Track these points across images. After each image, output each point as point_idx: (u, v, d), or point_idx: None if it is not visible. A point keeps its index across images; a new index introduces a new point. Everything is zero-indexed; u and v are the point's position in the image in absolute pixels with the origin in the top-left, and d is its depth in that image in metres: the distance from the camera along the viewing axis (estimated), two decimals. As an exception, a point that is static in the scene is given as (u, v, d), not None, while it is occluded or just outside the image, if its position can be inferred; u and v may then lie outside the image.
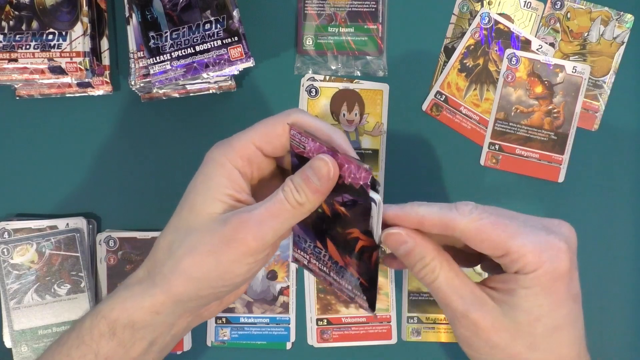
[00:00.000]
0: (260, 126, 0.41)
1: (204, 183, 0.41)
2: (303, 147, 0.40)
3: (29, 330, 0.55)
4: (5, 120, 0.57)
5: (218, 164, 0.41)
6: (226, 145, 0.41)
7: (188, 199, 0.41)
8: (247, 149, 0.41)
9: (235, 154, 0.40)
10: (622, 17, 0.58)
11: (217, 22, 0.52)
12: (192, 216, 0.40)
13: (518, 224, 0.38)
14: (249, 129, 0.42)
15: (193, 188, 0.41)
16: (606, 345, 0.58)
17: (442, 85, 0.58)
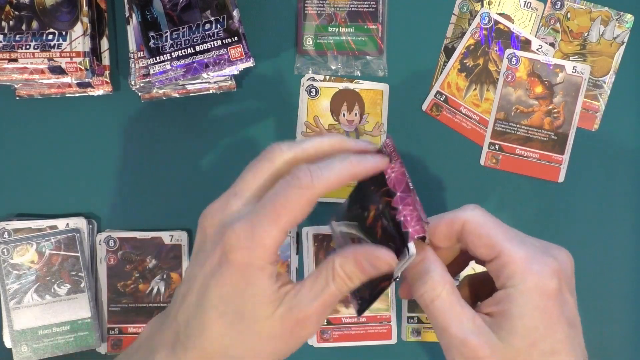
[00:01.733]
0: (287, 214, 0.37)
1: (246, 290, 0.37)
2: (389, 160, 0.38)
3: (29, 330, 0.55)
4: (5, 120, 0.57)
5: (258, 268, 0.37)
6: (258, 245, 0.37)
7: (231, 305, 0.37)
8: (279, 242, 0.37)
9: (272, 253, 0.37)
10: (622, 17, 0.58)
11: (217, 22, 0.52)
12: (244, 322, 0.37)
13: (517, 234, 0.39)
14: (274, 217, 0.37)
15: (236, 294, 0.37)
16: (606, 345, 0.58)
17: (442, 85, 0.58)
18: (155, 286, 0.56)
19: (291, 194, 0.37)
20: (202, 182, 0.57)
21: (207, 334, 0.38)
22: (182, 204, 0.57)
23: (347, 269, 0.37)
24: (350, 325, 0.57)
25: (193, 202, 0.57)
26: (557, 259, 0.38)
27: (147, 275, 0.56)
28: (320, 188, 0.37)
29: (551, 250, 0.39)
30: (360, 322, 0.57)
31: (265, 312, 0.37)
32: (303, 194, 0.37)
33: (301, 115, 0.58)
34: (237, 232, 0.36)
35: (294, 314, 0.37)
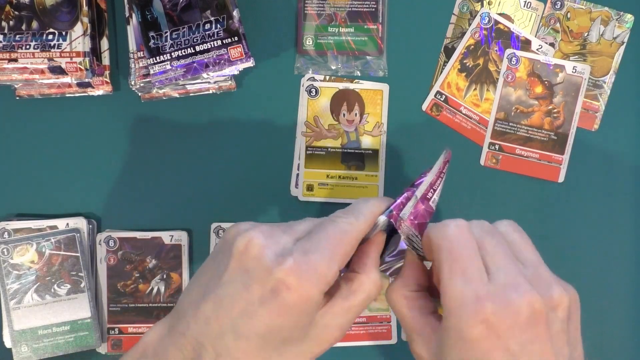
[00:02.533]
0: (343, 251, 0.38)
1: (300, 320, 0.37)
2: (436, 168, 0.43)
3: (29, 330, 0.55)
4: (5, 120, 0.57)
5: (316, 302, 0.37)
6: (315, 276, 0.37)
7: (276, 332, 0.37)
8: (336, 277, 0.38)
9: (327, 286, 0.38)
10: (622, 17, 0.58)
11: (217, 22, 0.52)
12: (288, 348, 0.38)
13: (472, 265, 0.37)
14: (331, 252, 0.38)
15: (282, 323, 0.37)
16: (606, 345, 0.58)
17: (442, 85, 0.58)
18: (155, 286, 0.56)
19: (342, 229, 0.39)
20: (202, 182, 0.57)
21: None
22: (182, 204, 0.57)
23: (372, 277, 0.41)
24: (350, 325, 0.57)
25: (193, 202, 0.57)
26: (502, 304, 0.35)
27: (147, 275, 0.56)
28: (363, 225, 0.40)
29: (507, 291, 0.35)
30: (360, 322, 0.57)
31: (303, 334, 0.38)
32: (352, 230, 0.39)
33: (301, 115, 0.58)
34: (298, 265, 0.36)
35: (331, 331, 0.39)
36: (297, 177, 0.58)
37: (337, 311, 0.39)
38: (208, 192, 0.57)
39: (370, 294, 0.40)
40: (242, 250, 0.37)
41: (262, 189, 0.57)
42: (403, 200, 0.41)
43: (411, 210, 0.40)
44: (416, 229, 0.41)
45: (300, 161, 0.58)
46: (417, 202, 0.41)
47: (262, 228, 0.38)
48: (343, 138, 0.58)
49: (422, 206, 0.41)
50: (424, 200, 0.41)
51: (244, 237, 0.37)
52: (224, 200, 0.57)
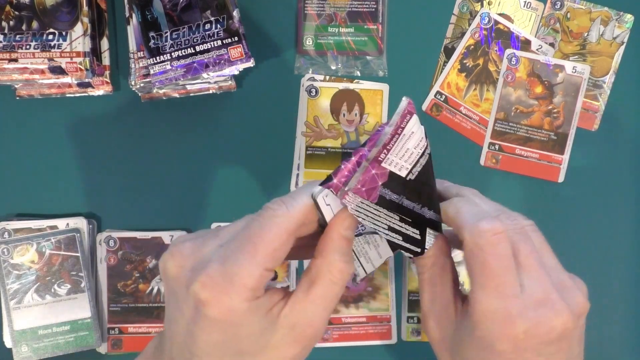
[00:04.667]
0: (265, 246, 0.34)
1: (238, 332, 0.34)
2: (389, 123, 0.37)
3: (29, 330, 0.55)
4: (5, 120, 0.57)
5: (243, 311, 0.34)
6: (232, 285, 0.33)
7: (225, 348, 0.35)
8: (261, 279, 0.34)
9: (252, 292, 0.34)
10: (622, 17, 0.58)
11: (217, 22, 0.52)
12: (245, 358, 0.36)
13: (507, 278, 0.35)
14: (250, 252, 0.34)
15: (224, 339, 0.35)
16: (606, 345, 0.58)
17: (442, 85, 0.58)
18: (156, 286, 0.56)
19: (266, 224, 0.34)
20: (202, 182, 0.57)
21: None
22: (182, 204, 0.57)
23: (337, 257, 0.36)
24: (350, 325, 0.57)
25: (193, 202, 0.57)
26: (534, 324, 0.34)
27: (147, 275, 0.56)
28: (297, 214, 0.35)
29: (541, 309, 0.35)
30: (360, 322, 0.57)
31: (263, 342, 0.35)
32: (280, 223, 0.34)
33: (301, 115, 0.58)
34: (210, 277, 0.33)
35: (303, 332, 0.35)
36: (297, 177, 0.58)
37: (301, 307, 0.35)
38: (208, 192, 0.57)
39: (333, 279, 0.36)
40: (165, 273, 0.36)
41: (262, 189, 0.57)
42: (349, 167, 0.36)
43: (359, 178, 0.36)
44: (365, 195, 0.36)
45: (300, 161, 0.58)
46: (367, 168, 0.36)
47: (186, 241, 0.36)
48: (343, 138, 0.58)
49: (372, 172, 0.36)
50: (375, 164, 0.36)
51: (164, 258, 0.36)
52: (224, 200, 0.57)
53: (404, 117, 0.37)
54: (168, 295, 0.37)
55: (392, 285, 0.58)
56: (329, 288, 0.36)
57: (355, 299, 0.57)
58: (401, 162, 0.37)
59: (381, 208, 0.37)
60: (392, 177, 0.37)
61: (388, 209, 0.38)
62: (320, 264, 0.36)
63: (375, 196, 0.37)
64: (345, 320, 0.57)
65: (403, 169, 0.38)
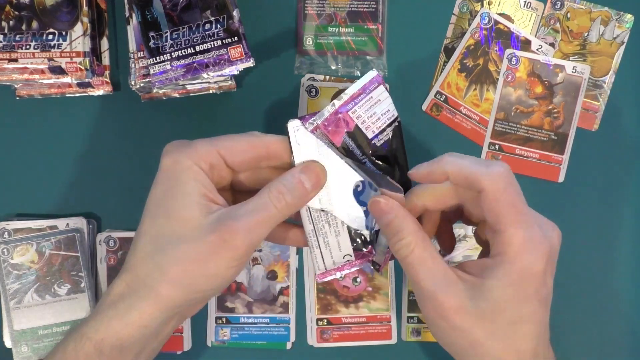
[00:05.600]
0: (225, 139, 0.42)
1: (176, 187, 0.40)
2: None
3: (29, 330, 0.55)
4: (5, 120, 0.57)
5: (186, 167, 0.40)
6: (188, 147, 0.42)
7: (162, 205, 0.40)
8: (211, 155, 0.41)
9: (200, 158, 0.41)
10: (622, 17, 0.58)
11: (217, 22, 0.52)
12: (171, 224, 0.40)
13: (525, 210, 0.40)
14: (213, 139, 0.42)
15: (165, 193, 0.41)
16: (606, 345, 0.58)
17: (442, 85, 0.58)
18: (155, 286, 0.56)
19: (238, 134, 0.43)
20: (202, 182, 0.57)
21: (140, 242, 0.40)
22: (182, 204, 0.57)
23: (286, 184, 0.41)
24: (350, 325, 0.57)
25: (193, 202, 0.57)
26: (551, 241, 0.40)
27: (147, 275, 0.56)
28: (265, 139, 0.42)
29: (546, 228, 0.41)
30: (360, 322, 0.57)
31: (192, 215, 0.39)
32: (247, 136, 0.42)
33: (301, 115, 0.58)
34: (176, 142, 0.42)
35: (224, 224, 0.39)
36: (297, 177, 0.58)
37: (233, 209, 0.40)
38: (208, 192, 0.57)
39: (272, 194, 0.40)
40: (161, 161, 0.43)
41: (262, 189, 0.57)
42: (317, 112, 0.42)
43: (326, 116, 0.41)
44: (330, 135, 0.41)
45: (300, 161, 0.58)
46: (335, 109, 0.41)
47: None
48: (343, 138, 0.58)
49: (339, 115, 0.41)
50: (343, 109, 0.41)
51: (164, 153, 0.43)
52: (224, 200, 0.57)
53: (372, 82, 0.42)
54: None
55: (392, 286, 0.58)
56: (264, 201, 0.40)
57: (355, 299, 0.57)
58: (368, 121, 0.42)
59: (344, 157, 0.42)
60: (358, 132, 0.41)
61: (351, 160, 0.42)
62: (270, 183, 0.41)
63: (339, 140, 0.41)
64: (345, 320, 0.57)
65: (370, 130, 0.42)
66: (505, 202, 0.39)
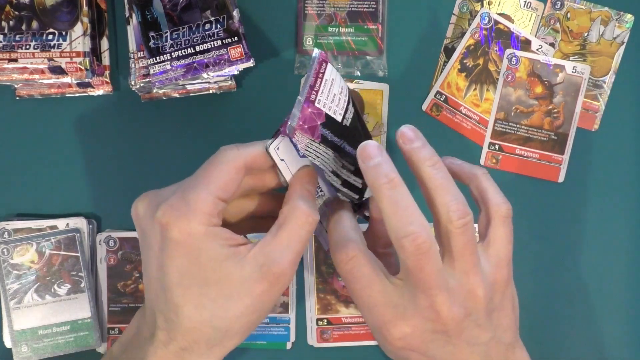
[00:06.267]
0: (215, 177, 0.40)
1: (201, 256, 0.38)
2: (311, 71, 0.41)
3: (29, 330, 0.55)
4: (5, 120, 0.57)
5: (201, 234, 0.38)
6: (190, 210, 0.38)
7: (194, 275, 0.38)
8: (215, 206, 0.39)
9: (209, 216, 0.39)
10: (622, 17, 0.58)
11: (217, 22, 0.52)
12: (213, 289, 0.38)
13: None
14: (203, 183, 0.39)
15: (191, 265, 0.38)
16: (606, 345, 0.58)
17: (442, 85, 0.58)
18: (155, 286, 0.56)
19: (219, 162, 0.40)
20: (202, 182, 0.57)
21: (184, 313, 0.38)
22: (182, 204, 0.57)
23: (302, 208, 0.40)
24: (350, 325, 0.57)
25: (193, 202, 0.57)
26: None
27: (147, 275, 0.56)
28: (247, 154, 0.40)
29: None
30: (361, 322, 0.57)
31: (228, 272, 0.38)
32: (230, 160, 0.40)
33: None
34: (170, 205, 0.38)
35: (270, 269, 0.38)
36: (297, 177, 0.58)
37: (269, 248, 0.39)
38: (208, 192, 0.57)
39: (299, 222, 0.40)
40: (136, 215, 0.41)
41: (262, 189, 0.57)
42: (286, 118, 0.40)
43: (298, 115, 0.39)
44: (309, 133, 0.40)
45: (300, 161, 0.58)
46: (302, 106, 0.40)
47: (152, 190, 0.41)
48: (343, 138, 0.58)
49: (308, 110, 0.40)
50: (309, 103, 0.40)
51: (134, 204, 0.41)
52: (224, 200, 0.57)
53: (320, 64, 0.41)
54: (140, 238, 0.41)
55: (392, 285, 0.58)
56: (295, 231, 0.39)
57: (355, 299, 0.57)
58: (332, 106, 0.41)
59: (326, 148, 0.41)
60: (329, 120, 0.41)
61: (333, 149, 0.41)
62: (287, 210, 0.40)
63: (318, 135, 0.40)
64: (345, 320, 0.57)
65: (337, 113, 0.41)
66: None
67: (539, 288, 0.58)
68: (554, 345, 0.58)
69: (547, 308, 0.58)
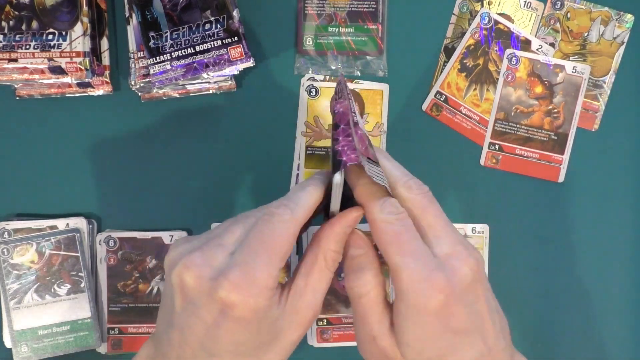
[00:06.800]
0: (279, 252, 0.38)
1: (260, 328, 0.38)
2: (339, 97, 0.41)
3: (29, 330, 0.55)
4: (5, 120, 0.57)
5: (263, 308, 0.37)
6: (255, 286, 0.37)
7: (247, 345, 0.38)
8: (277, 277, 0.38)
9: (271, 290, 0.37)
10: (622, 17, 0.58)
11: (217, 22, 0.52)
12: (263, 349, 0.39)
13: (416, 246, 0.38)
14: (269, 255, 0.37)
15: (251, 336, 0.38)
16: (606, 345, 0.58)
17: (442, 85, 0.58)
18: (156, 286, 0.56)
19: (278, 229, 0.38)
20: (202, 182, 0.57)
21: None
22: (182, 204, 0.57)
23: (333, 248, 0.40)
24: (350, 325, 0.57)
25: (193, 202, 0.57)
26: (456, 273, 0.37)
27: (147, 275, 0.56)
28: (301, 218, 0.39)
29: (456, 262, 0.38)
30: (360, 322, 0.57)
31: (277, 330, 0.38)
32: (289, 227, 0.38)
33: (301, 115, 0.58)
34: (234, 284, 0.36)
35: (304, 314, 0.39)
36: (297, 177, 0.58)
37: (302, 293, 0.39)
38: (208, 192, 0.57)
39: (329, 267, 0.40)
40: (180, 285, 0.37)
41: (262, 189, 0.57)
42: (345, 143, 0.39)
43: (357, 141, 0.39)
44: (367, 154, 0.40)
45: (300, 161, 0.58)
46: (355, 133, 0.39)
47: (193, 251, 0.38)
48: (343, 138, 0.58)
49: (359, 132, 0.40)
50: (357, 127, 0.40)
51: (177, 270, 0.38)
52: (223, 200, 0.57)
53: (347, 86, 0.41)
54: (184, 304, 0.38)
55: (392, 285, 0.58)
56: (325, 275, 0.40)
57: (355, 299, 0.57)
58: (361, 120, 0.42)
59: (377, 166, 0.41)
60: (367, 136, 0.41)
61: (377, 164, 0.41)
62: (317, 253, 0.40)
63: (372, 154, 0.40)
64: (345, 320, 0.57)
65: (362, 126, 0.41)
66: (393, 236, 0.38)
67: (539, 288, 0.58)
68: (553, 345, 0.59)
69: (547, 308, 0.58)
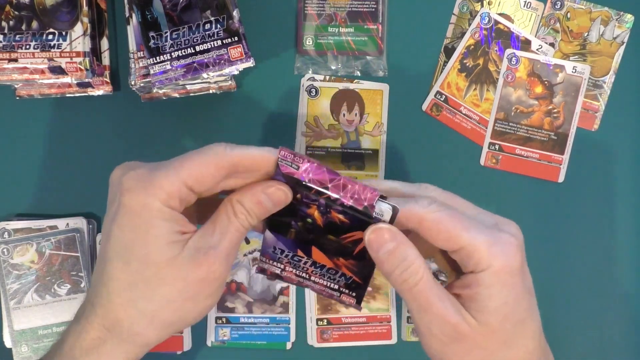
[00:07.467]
0: (190, 165, 0.38)
1: (148, 232, 0.37)
2: (296, 167, 0.39)
3: (29, 330, 0.55)
4: (5, 120, 0.57)
5: (155, 210, 0.37)
6: (153, 186, 0.37)
7: (134, 250, 0.38)
8: (179, 190, 0.37)
9: (168, 196, 0.37)
10: (622, 17, 0.58)
11: (217, 22, 0.52)
12: (149, 268, 0.37)
13: (471, 220, 0.39)
14: (176, 166, 0.38)
15: (135, 238, 0.37)
16: (606, 345, 0.58)
17: (442, 85, 0.58)
18: (155, 286, 0.56)
19: (202, 153, 0.38)
20: (202, 182, 0.57)
21: (114, 286, 0.38)
22: (182, 204, 0.57)
23: (246, 205, 0.39)
24: (350, 325, 0.57)
25: (193, 202, 0.57)
26: (514, 234, 0.39)
27: (147, 275, 0.56)
28: (234, 156, 0.38)
29: (505, 226, 0.40)
30: (360, 322, 0.57)
31: (170, 255, 0.37)
32: (213, 158, 0.38)
33: (301, 115, 0.58)
34: (136, 174, 0.38)
35: (202, 254, 0.38)
36: (297, 177, 0.58)
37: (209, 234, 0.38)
38: (208, 192, 0.57)
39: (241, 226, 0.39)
40: (110, 179, 0.41)
41: (262, 189, 0.57)
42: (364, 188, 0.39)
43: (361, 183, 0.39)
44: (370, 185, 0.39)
45: (300, 161, 0.58)
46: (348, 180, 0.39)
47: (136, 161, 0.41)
48: (343, 138, 0.58)
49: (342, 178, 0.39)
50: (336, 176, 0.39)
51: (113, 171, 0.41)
52: (224, 200, 0.57)
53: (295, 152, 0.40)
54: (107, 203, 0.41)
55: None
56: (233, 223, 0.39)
57: (355, 299, 0.57)
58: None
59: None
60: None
61: None
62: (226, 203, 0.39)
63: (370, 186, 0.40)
64: (345, 320, 0.57)
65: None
66: (449, 222, 0.38)
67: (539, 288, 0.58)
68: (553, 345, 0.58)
69: (547, 308, 0.58)
